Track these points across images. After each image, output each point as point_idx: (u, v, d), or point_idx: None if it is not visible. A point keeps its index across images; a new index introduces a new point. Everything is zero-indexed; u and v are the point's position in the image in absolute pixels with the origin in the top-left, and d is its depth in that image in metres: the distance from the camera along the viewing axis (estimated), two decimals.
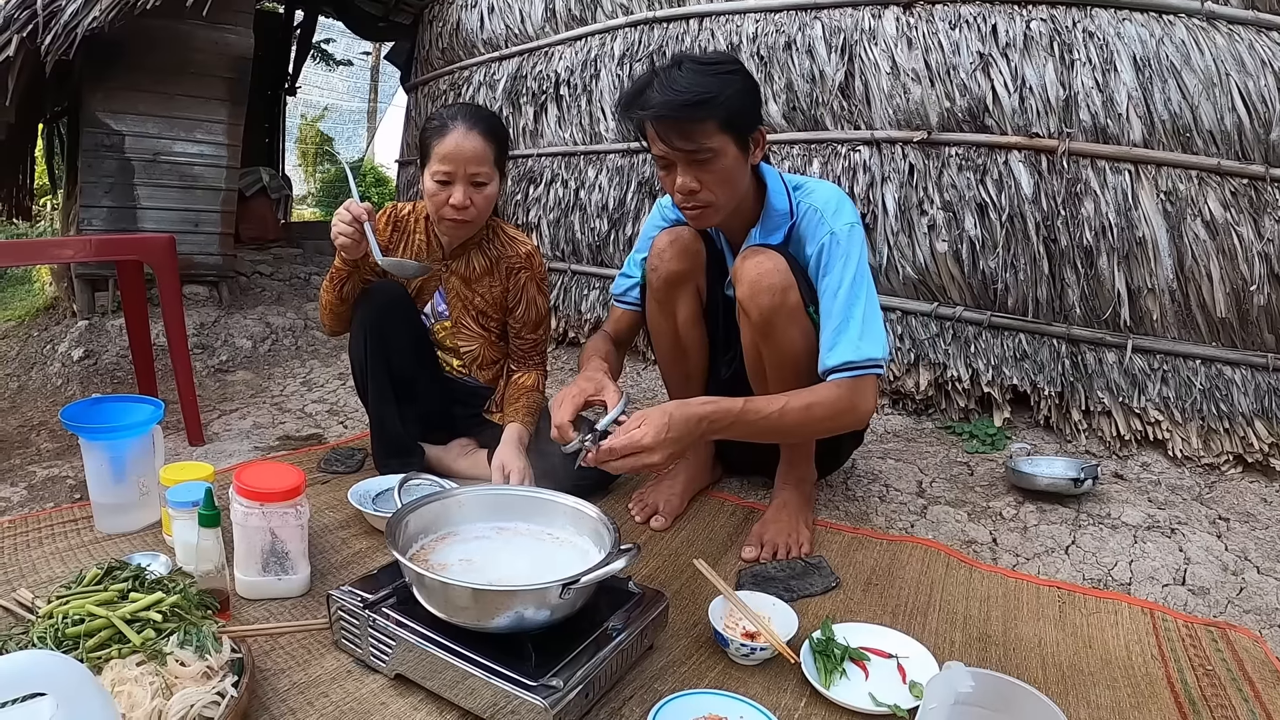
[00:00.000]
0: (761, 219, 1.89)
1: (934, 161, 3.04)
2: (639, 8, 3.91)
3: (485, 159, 2.07)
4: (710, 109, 1.63)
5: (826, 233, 1.79)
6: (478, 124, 2.06)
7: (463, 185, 2.06)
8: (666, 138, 1.67)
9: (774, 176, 1.90)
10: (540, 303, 2.34)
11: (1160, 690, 1.45)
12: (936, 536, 2.10)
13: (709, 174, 1.71)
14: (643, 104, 1.68)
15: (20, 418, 3.05)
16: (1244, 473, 2.58)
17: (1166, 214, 2.71)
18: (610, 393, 1.65)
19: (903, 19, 3.11)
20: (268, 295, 4.86)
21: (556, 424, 1.57)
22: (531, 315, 2.34)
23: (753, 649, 1.44)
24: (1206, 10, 2.72)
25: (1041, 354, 2.92)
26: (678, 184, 1.72)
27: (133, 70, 3.99)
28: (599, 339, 2.08)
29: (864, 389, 1.71)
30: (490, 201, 2.14)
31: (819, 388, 1.71)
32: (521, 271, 2.29)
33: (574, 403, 1.62)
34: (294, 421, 2.98)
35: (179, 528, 1.63)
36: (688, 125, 1.64)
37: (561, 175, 4.20)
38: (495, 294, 2.32)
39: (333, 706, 1.31)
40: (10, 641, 1.24)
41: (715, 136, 1.66)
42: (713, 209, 1.77)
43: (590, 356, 1.93)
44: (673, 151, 1.69)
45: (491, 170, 2.09)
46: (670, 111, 1.64)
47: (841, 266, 1.77)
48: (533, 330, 2.36)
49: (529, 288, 2.31)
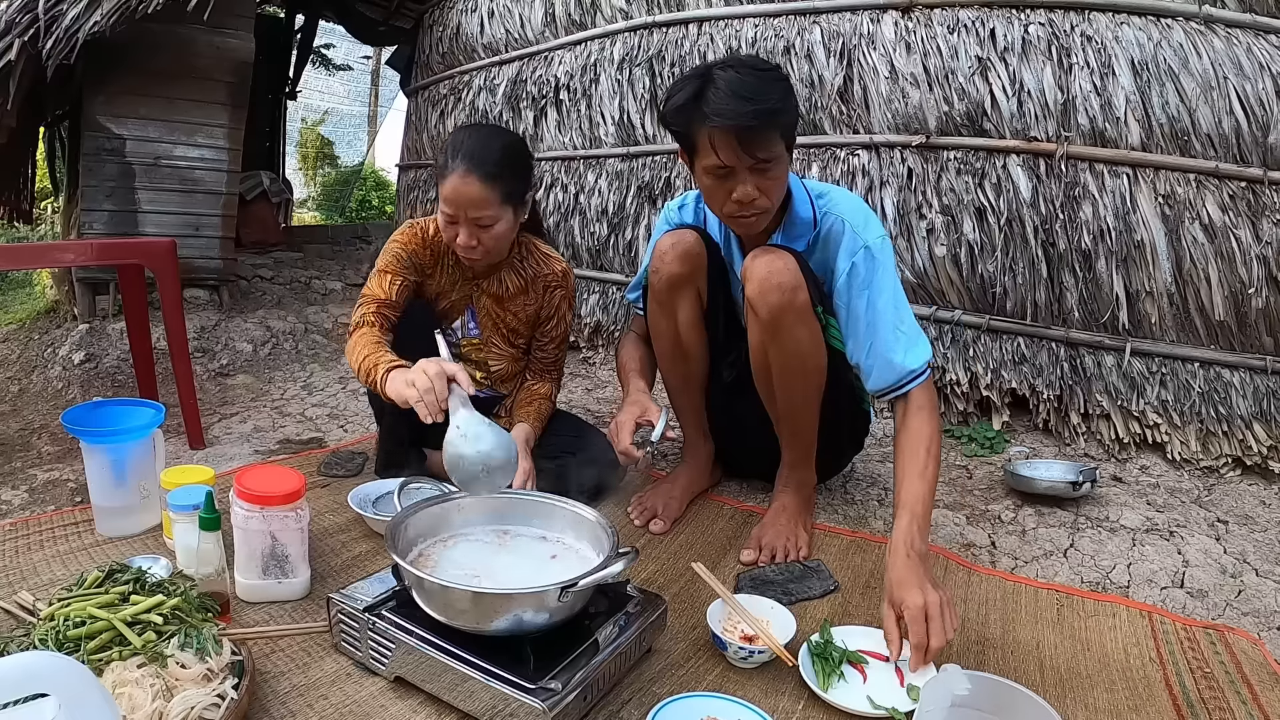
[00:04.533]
0: (784, 226, 1.89)
1: (932, 165, 3.05)
2: (638, 13, 3.92)
3: (487, 203, 1.93)
4: (780, 116, 1.64)
5: (860, 246, 1.80)
6: (476, 167, 1.91)
7: (468, 227, 1.96)
8: (746, 146, 1.63)
9: (796, 184, 1.89)
10: (569, 319, 2.34)
11: (1158, 693, 1.45)
12: (935, 540, 2.10)
13: (768, 181, 1.70)
14: (715, 112, 1.62)
15: (21, 421, 3.05)
16: (1242, 475, 2.59)
17: (1165, 217, 2.72)
18: (653, 412, 1.87)
19: (901, 23, 3.12)
20: (268, 299, 4.87)
21: (621, 450, 1.84)
22: (560, 331, 2.32)
23: (751, 652, 1.44)
24: (1204, 14, 2.73)
25: (1040, 357, 2.92)
26: (738, 193, 1.69)
27: (134, 74, 4.00)
28: (633, 345, 2.19)
29: (933, 391, 1.77)
30: (502, 239, 2.03)
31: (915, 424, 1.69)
32: (557, 290, 2.27)
33: (629, 429, 1.85)
34: (294, 425, 2.99)
35: (180, 531, 1.64)
36: (764, 134, 1.63)
37: (561, 179, 4.21)
38: (529, 312, 2.29)
39: (332, 709, 1.31)
40: (12, 644, 1.25)
41: (777, 144, 1.66)
42: (765, 215, 1.77)
43: (629, 373, 2.11)
44: (742, 160, 1.65)
45: (497, 211, 1.96)
46: (754, 120, 1.61)
47: (880, 278, 1.79)
48: (558, 346, 2.34)
49: (562, 306, 2.29)
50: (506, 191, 1.97)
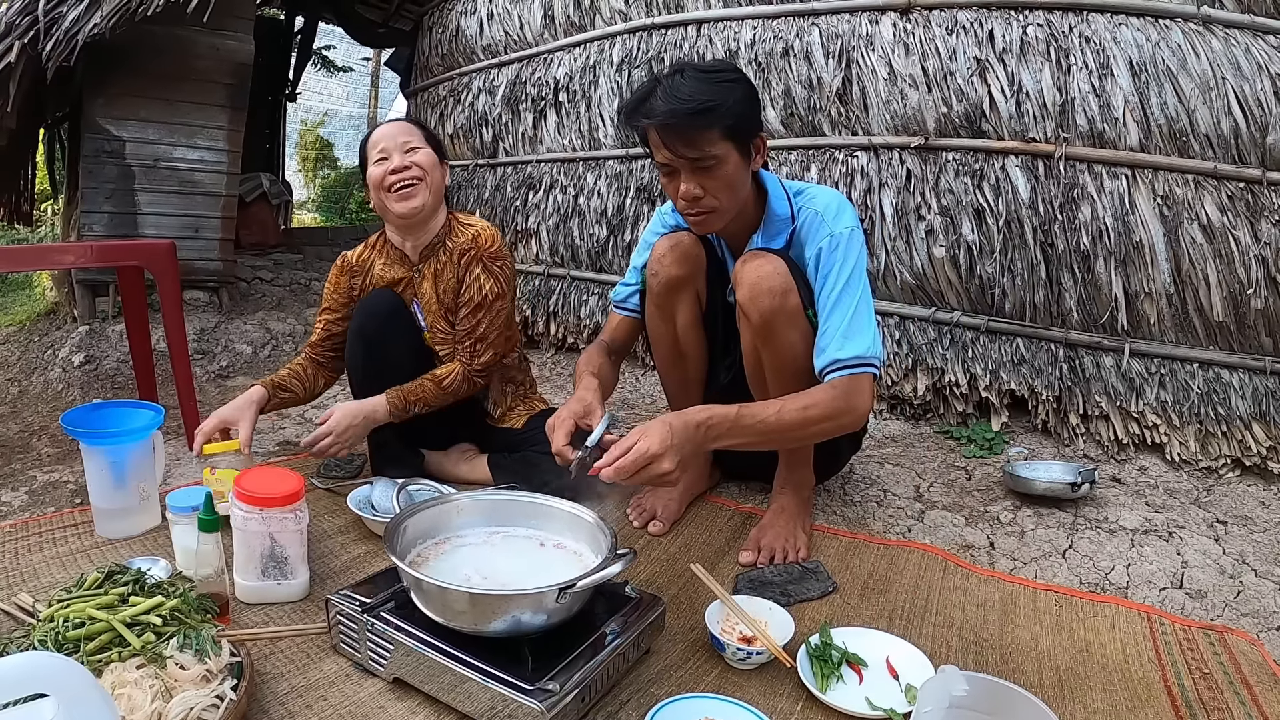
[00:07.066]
0: (763, 225, 1.90)
1: (931, 167, 3.05)
2: (638, 14, 3.92)
3: (411, 132, 2.24)
4: (714, 117, 1.65)
5: (825, 235, 1.81)
6: (398, 119, 2.26)
7: (398, 154, 2.18)
8: (671, 145, 1.68)
9: (774, 182, 1.91)
10: (486, 284, 2.23)
11: (1157, 694, 1.45)
12: (934, 541, 2.10)
13: (712, 180, 1.72)
14: (646, 112, 1.70)
15: (21, 423, 3.05)
16: (1241, 476, 2.59)
17: (1163, 218, 2.72)
18: (595, 415, 1.67)
19: (900, 25, 3.12)
20: (268, 301, 4.87)
21: (555, 451, 1.62)
22: (472, 296, 2.23)
23: (749, 653, 1.44)
24: (1202, 14, 2.73)
25: (1039, 358, 2.92)
26: (681, 190, 1.74)
27: (134, 76, 4.00)
28: (593, 352, 2.05)
29: (858, 388, 1.71)
30: (426, 168, 2.20)
31: (814, 389, 1.71)
32: (468, 253, 2.24)
33: (565, 428, 1.64)
34: (294, 427, 2.99)
35: (179, 532, 1.64)
36: (692, 133, 1.65)
37: (560, 181, 4.21)
38: (454, 286, 2.27)
39: (331, 710, 1.31)
40: (11, 645, 1.25)
41: (718, 144, 1.67)
42: (716, 215, 1.78)
43: (582, 374, 1.93)
44: (677, 159, 1.70)
45: (421, 142, 2.23)
46: (675, 119, 1.65)
47: (838, 269, 1.78)
48: (472, 313, 2.23)
49: (475, 269, 2.23)
50: (425, 135, 2.27)
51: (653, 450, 1.46)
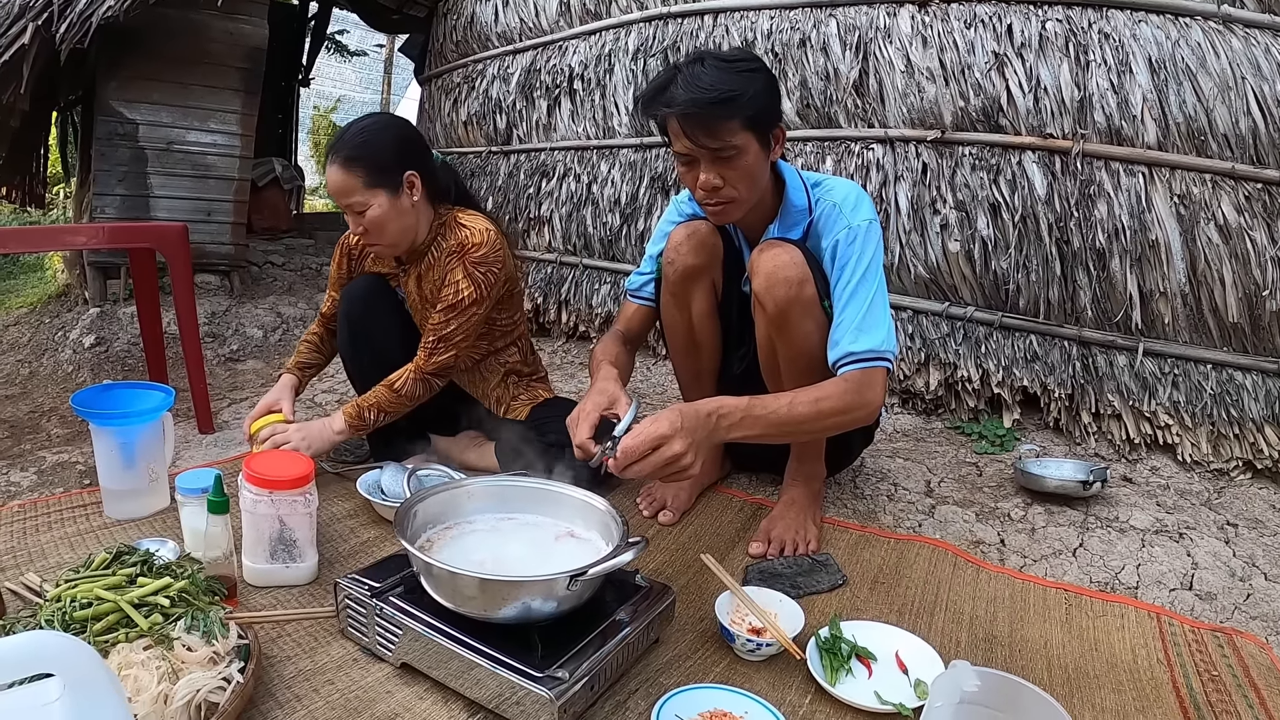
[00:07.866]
0: (780, 215, 1.89)
1: (947, 161, 3.03)
2: (654, 3, 3.90)
3: (351, 189, 1.98)
4: (735, 106, 1.63)
5: (843, 227, 1.80)
6: (337, 156, 1.98)
7: (350, 216, 2.03)
8: (691, 135, 1.67)
9: (792, 174, 1.90)
10: (464, 287, 2.08)
11: (1165, 695, 1.44)
12: (944, 536, 2.09)
13: (732, 170, 1.71)
14: (667, 101, 1.68)
15: (31, 403, 3.06)
16: (1253, 479, 2.57)
17: (1180, 217, 2.69)
18: (622, 404, 1.58)
19: (918, 17, 3.10)
20: (279, 285, 4.88)
21: (577, 444, 1.52)
22: (448, 296, 2.10)
23: (759, 645, 1.44)
24: (1223, 13, 2.70)
25: (1052, 356, 2.91)
26: (700, 180, 1.72)
27: (147, 59, 4.00)
28: (609, 342, 2.00)
29: (871, 381, 1.70)
30: (383, 223, 2.02)
31: (826, 383, 1.70)
32: (453, 257, 2.12)
33: (589, 420, 1.54)
34: (304, 411, 2.99)
35: (188, 514, 1.64)
36: (713, 122, 1.64)
37: (574, 169, 4.20)
38: (437, 285, 2.17)
39: (338, 694, 1.32)
40: (18, 624, 1.25)
41: (739, 134, 1.66)
42: (734, 205, 1.77)
43: (600, 364, 1.84)
44: (697, 148, 1.68)
45: (365, 196, 1.98)
46: (696, 108, 1.64)
47: (855, 261, 1.77)
48: (443, 312, 2.10)
49: (453, 268, 2.10)
50: (369, 174, 1.98)
51: (662, 431, 1.42)
